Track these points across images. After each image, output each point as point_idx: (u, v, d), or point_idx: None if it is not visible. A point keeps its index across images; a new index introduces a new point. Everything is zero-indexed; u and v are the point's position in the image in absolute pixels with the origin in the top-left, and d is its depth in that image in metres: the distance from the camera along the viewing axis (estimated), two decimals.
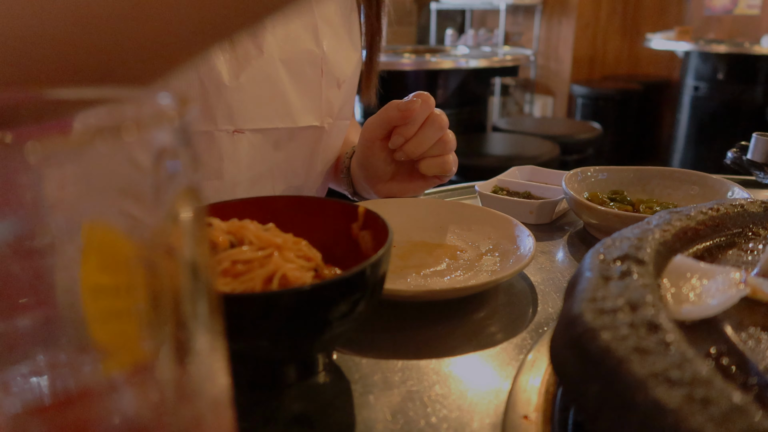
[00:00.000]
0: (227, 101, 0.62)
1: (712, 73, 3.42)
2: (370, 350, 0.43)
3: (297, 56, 0.67)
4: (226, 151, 0.64)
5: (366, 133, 0.68)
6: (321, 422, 0.36)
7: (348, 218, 0.46)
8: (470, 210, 0.64)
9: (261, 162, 0.68)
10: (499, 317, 0.48)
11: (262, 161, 0.68)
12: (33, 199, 0.15)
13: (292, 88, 0.67)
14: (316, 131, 0.71)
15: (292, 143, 0.70)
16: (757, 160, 0.81)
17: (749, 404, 0.23)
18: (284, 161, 0.70)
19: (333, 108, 0.73)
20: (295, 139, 0.70)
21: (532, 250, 0.51)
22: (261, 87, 0.64)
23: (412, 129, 0.64)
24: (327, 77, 0.70)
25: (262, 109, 0.65)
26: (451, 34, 4.58)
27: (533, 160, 2.35)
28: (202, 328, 0.18)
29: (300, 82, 0.68)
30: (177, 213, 0.17)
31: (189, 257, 0.18)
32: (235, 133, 0.64)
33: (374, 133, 0.67)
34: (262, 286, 0.37)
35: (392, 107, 0.64)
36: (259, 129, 0.65)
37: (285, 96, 0.66)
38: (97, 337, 0.18)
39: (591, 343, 0.27)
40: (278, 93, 0.66)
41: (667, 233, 0.38)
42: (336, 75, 0.72)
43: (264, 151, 0.67)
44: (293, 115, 0.68)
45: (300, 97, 0.68)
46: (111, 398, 0.18)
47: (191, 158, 0.18)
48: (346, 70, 0.74)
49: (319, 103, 0.70)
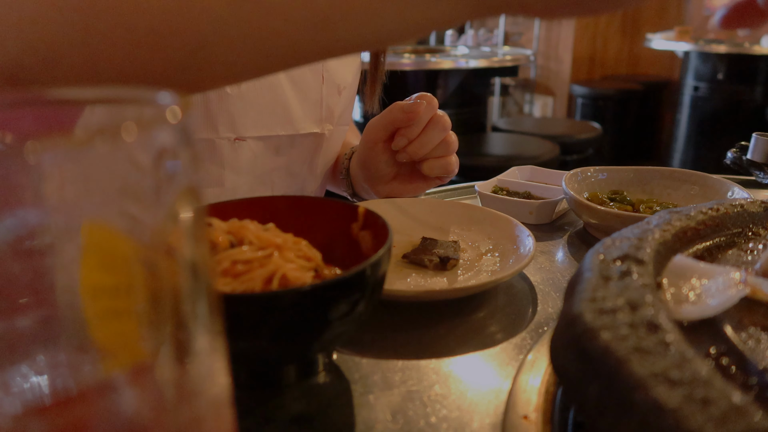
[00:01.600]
0: (228, 109, 0.62)
1: (712, 73, 3.42)
2: (370, 350, 0.43)
3: None
4: (227, 158, 0.64)
5: (369, 135, 0.68)
6: (321, 422, 0.36)
7: (348, 218, 0.46)
8: (470, 210, 0.64)
9: (261, 168, 0.68)
10: (499, 317, 0.48)
11: (262, 168, 0.68)
12: (33, 199, 0.15)
13: (293, 95, 0.67)
14: (316, 138, 0.71)
15: (293, 150, 0.70)
16: (757, 160, 0.81)
17: (749, 404, 0.23)
18: (284, 167, 0.70)
19: (333, 115, 0.73)
20: (296, 145, 0.70)
21: (532, 250, 0.51)
22: (262, 94, 0.64)
23: (416, 130, 0.64)
24: (328, 84, 0.70)
25: (264, 116, 0.65)
26: (450, 34, 4.58)
27: (533, 160, 2.35)
28: (202, 328, 0.18)
29: (301, 89, 0.68)
30: (177, 213, 0.17)
31: (189, 257, 0.18)
32: (236, 140, 0.64)
33: (377, 134, 0.67)
34: (262, 286, 0.37)
35: (396, 109, 0.64)
36: (260, 136, 0.65)
37: (286, 103, 0.66)
38: (97, 337, 0.18)
39: (591, 343, 0.27)
40: (279, 100, 0.66)
41: (667, 233, 0.38)
42: (337, 82, 0.72)
43: (265, 157, 0.67)
44: (294, 123, 0.68)
45: (301, 105, 0.68)
46: (111, 398, 0.18)
47: (191, 158, 0.18)
48: (347, 77, 0.74)
49: (319, 110, 0.70)
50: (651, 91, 4.03)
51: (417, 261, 0.55)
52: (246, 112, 0.63)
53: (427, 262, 0.54)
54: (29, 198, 0.15)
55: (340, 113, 0.74)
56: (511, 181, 0.76)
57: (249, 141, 0.65)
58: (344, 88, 0.73)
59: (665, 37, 3.59)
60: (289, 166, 0.71)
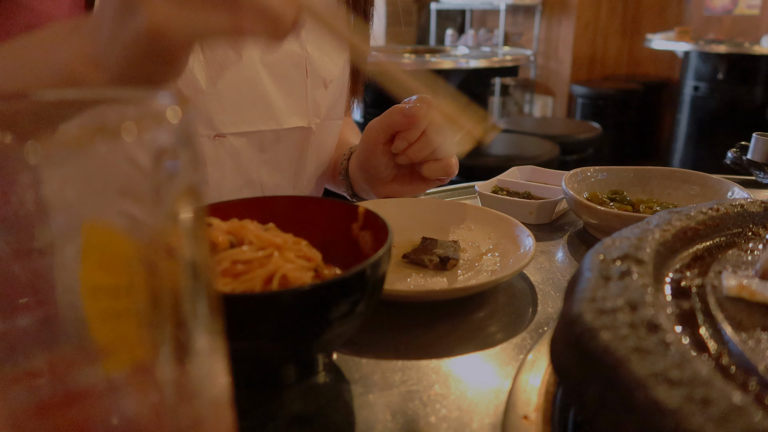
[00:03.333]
0: (205, 107, 0.62)
1: (712, 73, 3.42)
2: (370, 350, 0.43)
3: (279, 58, 0.66)
4: (208, 156, 0.64)
5: (368, 137, 0.68)
6: (321, 422, 0.36)
7: (348, 218, 0.46)
8: (470, 210, 0.64)
9: (247, 166, 0.68)
10: (499, 317, 0.48)
11: (248, 165, 0.68)
12: (33, 199, 0.15)
13: (275, 90, 0.67)
14: (303, 132, 0.71)
15: (279, 145, 0.70)
16: (757, 160, 0.81)
17: (749, 404, 0.23)
18: (271, 164, 0.70)
19: (320, 108, 0.73)
20: (282, 141, 0.70)
21: (532, 250, 0.51)
22: (241, 91, 0.64)
23: (416, 133, 0.64)
24: (312, 78, 0.70)
25: (244, 112, 0.65)
26: (451, 34, 4.58)
27: (533, 160, 2.35)
28: (202, 328, 0.18)
29: (284, 83, 0.67)
30: (177, 213, 0.17)
31: (189, 257, 0.18)
32: (216, 137, 0.64)
33: (377, 137, 0.67)
34: (262, 286, 0.37)
35: (396, 111, 0.64)
36: (241, 132, 0.65)
37: (267, 98, 0.66)
38: (97, 337, 0.18)
39: (591, 343, 0.27)
40: (260, 96, 0.65)
41: (667, 233, 0.38)
42: (322, 75, 0.72)
43: (249, 154, 0.67)
44: (278, 117, 0.68)
45: (284, 99, 0.68)
46: (111, 398, 0.18)
47: (191, 158, 0.18)
48: (333, 70, 0.73)
49: (305, 103, 0.70)
50: (651, 91, 4.03)
51: (417, 261, 0.55)
52: (223, 108, 0.63)
53: (427, 262, 0.54)
54: (29, 198, 0.15)
55: (328, 107, 0.74)
56: (511, 181, 0.76)
57: (230, 137, 0.65)
58: (330, 81, 0.73)
59: (665, 37, 3.59)
60: (276, 162, 0.71)
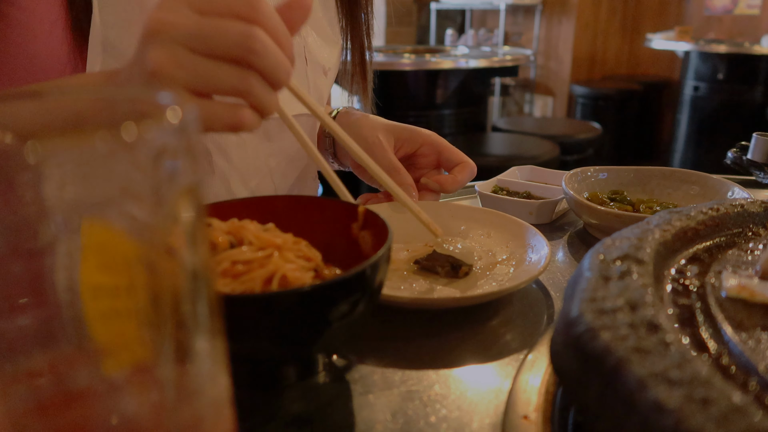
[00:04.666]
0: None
1: (712, 73, 3.42)
2: (371, 351, 0.43)
3: None
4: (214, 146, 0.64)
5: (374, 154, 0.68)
6: (321, 422, 0.36)
7: (348, 218, 0.46)
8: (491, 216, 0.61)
9: (253, 155, 0.68)
10: (498, 317, 0.48)
11: (254, 154, 0.68)
12: (33, 199, 0.15)
13: None
14: (309, 119, 0.71)
15: (286, 134, 0.70)
16: (757, 160, 0.81)
17: (749, 404, 0.23)
18: (280, 153, 0.70)
19: (323, 95, 0.73)
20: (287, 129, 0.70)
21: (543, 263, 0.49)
22: None
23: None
24: (312, 65, 0.70)
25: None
26: (451, 34, 4.58)
27: (533, 160, 2.35)
28: (202, 328, 0.18)
29: None
30: (177, 213, 0.17)
31: (189, 257, 0.18)
32: None
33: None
34: (262, 286, 0.37)
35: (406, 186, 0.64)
36: None
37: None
38: (97, 337, 0.18)
39: (591, 343, 0.27)
40: None
41: (667, 233, 0.38)
42: (321, 63, 0.72)
43: (255, 143, 0.67)
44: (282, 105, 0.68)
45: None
46: (111, 398, 0.18)
47: (191, 158, 0.18)
48: (331, 59, 0.74)
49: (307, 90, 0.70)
50: (651, 91, 4.03)
51: (428, 267, 0.54)
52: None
53: (439, 268, 0.53)
54: (29, 198, 0.15)
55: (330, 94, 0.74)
56: (511, 181, 0.76)
57: None
58: (329, 69, 0.74)
59: (665, 37, 3.59)
60: (285, 152, 0.70)
